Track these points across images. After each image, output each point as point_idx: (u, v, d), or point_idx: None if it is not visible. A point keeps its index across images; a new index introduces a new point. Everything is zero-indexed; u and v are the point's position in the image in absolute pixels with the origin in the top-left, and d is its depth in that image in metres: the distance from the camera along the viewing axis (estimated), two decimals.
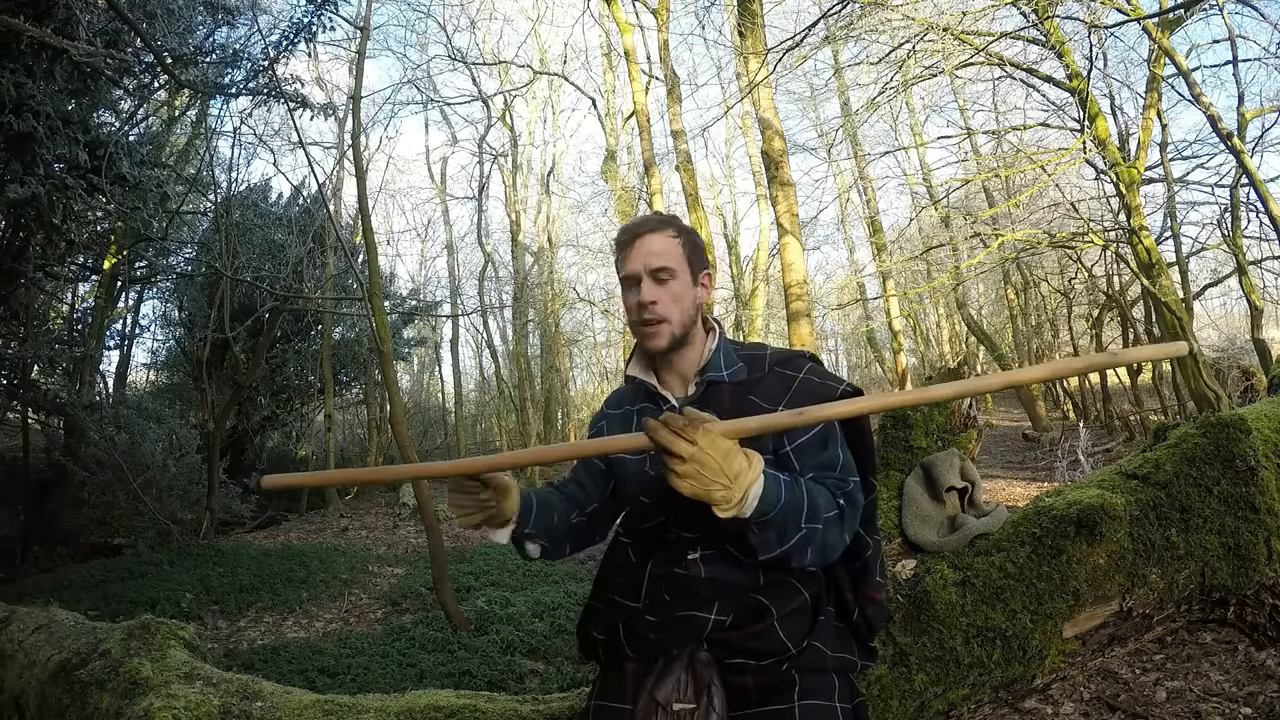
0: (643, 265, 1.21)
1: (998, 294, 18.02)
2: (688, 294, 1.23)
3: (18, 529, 8.34)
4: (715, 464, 0.91)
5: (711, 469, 0.91)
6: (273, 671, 4.75)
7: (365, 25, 8.58)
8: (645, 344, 1.23)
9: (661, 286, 1.20)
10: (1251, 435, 1.81)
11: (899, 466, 1.97)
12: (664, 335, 1.20)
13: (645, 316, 1.20)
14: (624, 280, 1.24)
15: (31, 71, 5.14)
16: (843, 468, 1.16)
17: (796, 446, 1.17)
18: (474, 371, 24.40)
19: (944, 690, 1.59)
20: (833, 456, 1.17)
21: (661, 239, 1.23)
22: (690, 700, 1.12)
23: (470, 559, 8.52)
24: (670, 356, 1.25)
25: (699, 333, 1.26)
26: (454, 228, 20.66)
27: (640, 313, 1.20)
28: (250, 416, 12.24)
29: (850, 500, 1.12)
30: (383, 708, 1.65)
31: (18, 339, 7.68)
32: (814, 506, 1.05)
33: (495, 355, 18.39)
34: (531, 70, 16.53)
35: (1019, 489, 8.48)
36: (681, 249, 1.24)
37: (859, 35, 7.28)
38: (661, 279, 1.21)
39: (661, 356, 1.25)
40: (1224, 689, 1.69)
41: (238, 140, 10.24)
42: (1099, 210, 9.52)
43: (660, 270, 1.20)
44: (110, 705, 1.62)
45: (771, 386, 1.20)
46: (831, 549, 1.09)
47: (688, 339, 1.24)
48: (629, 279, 1.23)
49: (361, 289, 9.63)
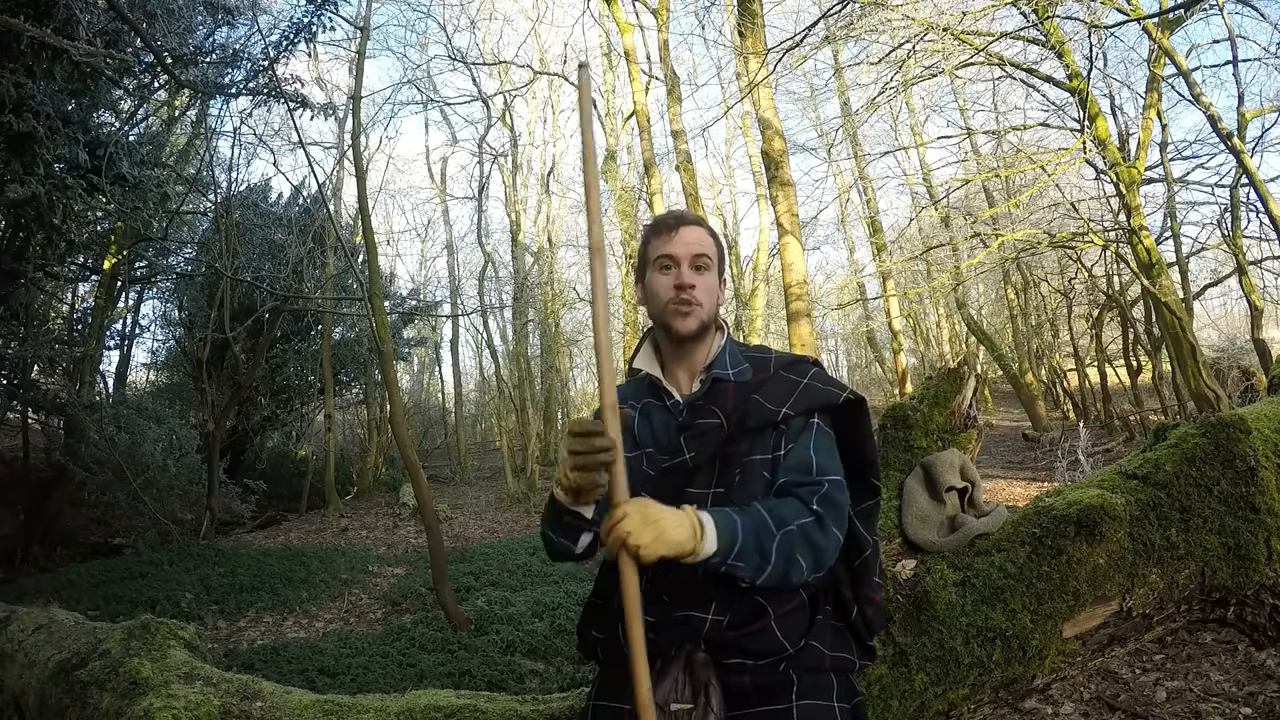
0: (685, 250, 1.24)
1: (998, 294, 18.02)
2: (717, 289, 1.28)
3: (18, 529, 8.33)
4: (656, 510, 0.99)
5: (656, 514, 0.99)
6: (273, 671, 4.75)
7: (365, 25, 8.58)
8: (675, 325, 1.23)
9: (699, 274, 1.25)
10: (1251, 435, 1.81)
11: (899, 466, 1.97)
12: (695, 319, 1.23)
13: (683, 297, 1.22)
14: (660, 260, 1.26)
15: (31, 71, 5.14)
16: (818, 469, 1.16)
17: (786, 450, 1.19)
18: (474, 371, 24.44)
19: (944, 690, 1.59)
20: (804, 458, 1.17)
21: (702, 232, 1.28)
22: (688, 700, 1.12)
23: (470, 559, 8.52)
24: (685, 348, 1.27)
25: (713, 331, 1.29)
26: (454, 228, 20.66)
27: (679, 293, 1.23)
28: (250, 416, 12.25)
29: (827, 501, 1.12)
30: (383, 708, 1.65)
31: (18, 339, 7.68)
32: (778, 516, 1.07)
33: (495, 355, 18.37)
34: (531, 70, 16.53)
35: (1019, 489, 8.48)
36: (715, 247, 1.29)
37: (859, 35, 7.28)
38: (700, 267, 1.25)
39: (676, 348, 1.27)
40: (1224, 689, 1.70)
41: (238, 140, 10.25)
42: (1099, 210, 9.53)
43: (700, 257, 1.25)
44: (110, 705, 1.62)
45: (777, 388, 1.22)
46: (823, 551, 1.09)
47: (707, 333, 1.26)
48: (668, 259, 1.25)
49: (361, 289, 9.63)
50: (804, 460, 1.16)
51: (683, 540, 0.99)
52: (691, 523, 1.00)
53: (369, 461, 15.51)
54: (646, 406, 1.30)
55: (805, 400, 1.19)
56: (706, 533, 1.01)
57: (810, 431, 1.19)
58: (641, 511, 0.99)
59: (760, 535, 1.04)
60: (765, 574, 1.04)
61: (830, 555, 1.11)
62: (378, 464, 15.70)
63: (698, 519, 1.01)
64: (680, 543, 0.99)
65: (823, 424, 1.21)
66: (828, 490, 1.13)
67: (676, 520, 1.00)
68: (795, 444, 1.18)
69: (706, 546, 1.01)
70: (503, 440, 16.77)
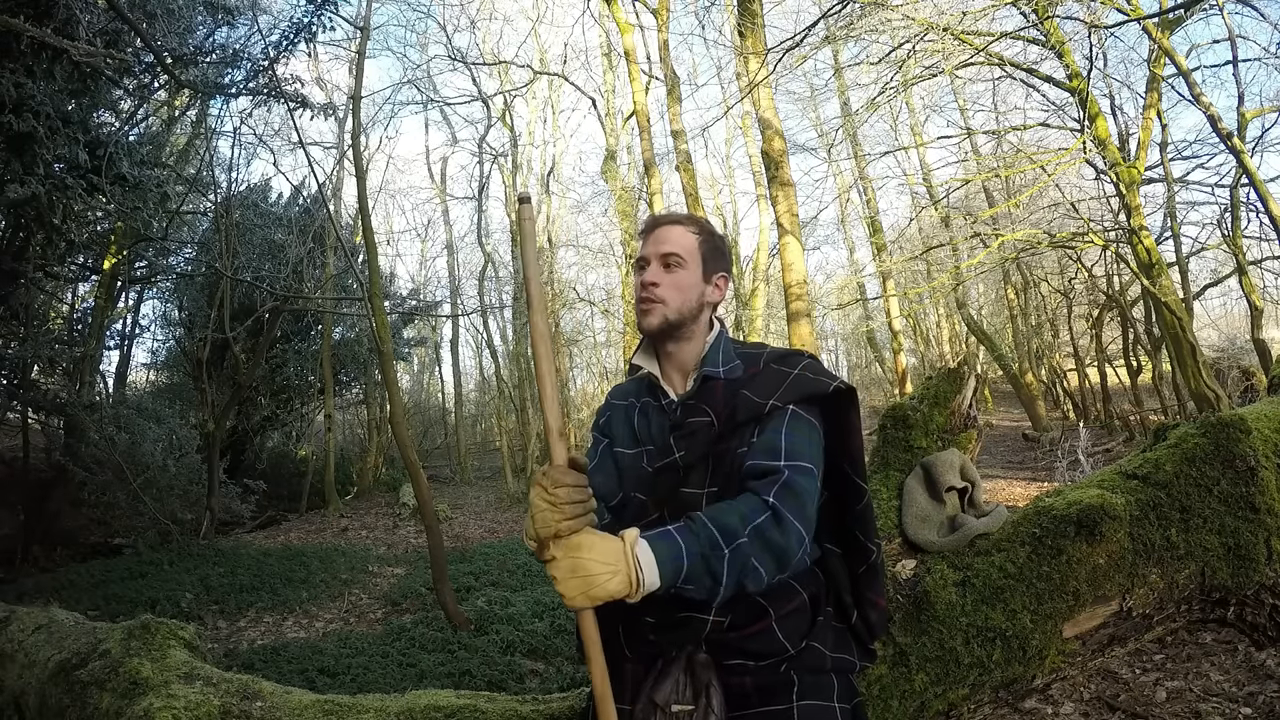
0: (655, 250, 1.26)
1: (998, 294, 18.01)
2: (694, 286, 1.26)
3: (18, 529, 8.33)
4: (587, 558, 0.96)
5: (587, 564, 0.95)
6: (273, 671, 4.75)
7: (365, 25, 8.58)
8: (639, 323, 1.26)
9: (667, 272, 1.25)
10: (1251, 435, 1.81)
11: (899, 466, 1.97)
12: (655, 315, 1.23)
13: (643, 295, 1.24)
14: (636, 261, 1.29)
15: (31, 71, 5.14)
16: (787, 453, 1.11)
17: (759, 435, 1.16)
18: (474, 371, 24.44)
19: (944, 690, 1.59)
20: (772, 441, 1.13)
21: (679, 230, 1.27)
22: (689, 701, 1.12)
23: (470, 559, 8.52)
24: (667, 347, 1.27)
25: (700, 328, 1.28)
26: (454, 228, 20.67)
27: (640, 291, 1.24)
28: (250, 416, 12.25)
29: (786, 491, 1.06)
30: (383, 708, 1.65)
31: (18, 339, 7.68)
32: (725, 528, 1.01)
33: (495, 355, 18.38)
34: (531, 70, 16.53)
35: (1019, 489, 8.48)
36: (697, 244, 1.27)
37: (859, 35, 7.27)
38: (669, 264, 1.25)
39: (658, 344, 1.28)
40: (1224, 689, 1.70)
41: (238, 140, 10.25)
42: (1099, 210, 9.52)
43: (669, 255, 1.25)
44: (110, 705, 1.62)
45: (766, 381, 1.19)
46: (783, 550, 1.03)
47: (684, 330, 1.25)
48: (640, 260, 1.28)
49: (361, 289, 9.63)
50: (772, 444, 1.12)
51: (616, 590, 0.95)
52: (627, 569, 0.96)
53: (369, 461, 15.51)
54: (645, 405, 1.30)
55: (794, 391, 1.16)
56: (646, 575, 0.96)
57: (784, 415, 1.15)
58: (571, 560, 0.96)
59: (708, 557, 0.99)
60: (719, 594, 1.01)
61: (793, 551, 1.04)
62: (378, 464, 15.71)
63: (634, 560, 0.96)
64: (613, 592, 0.95)
65: (804, 412, 1.16)
66: (788, 477, 1.07)
67: (609, 569, 0.95)
68: (767, 429, 1.14)
69: (648, 585, 0.96)
70: (503, 440, 16.78)
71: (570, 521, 0.98)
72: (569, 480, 0.99)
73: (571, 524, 0.98)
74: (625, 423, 1.31)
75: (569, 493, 0.98)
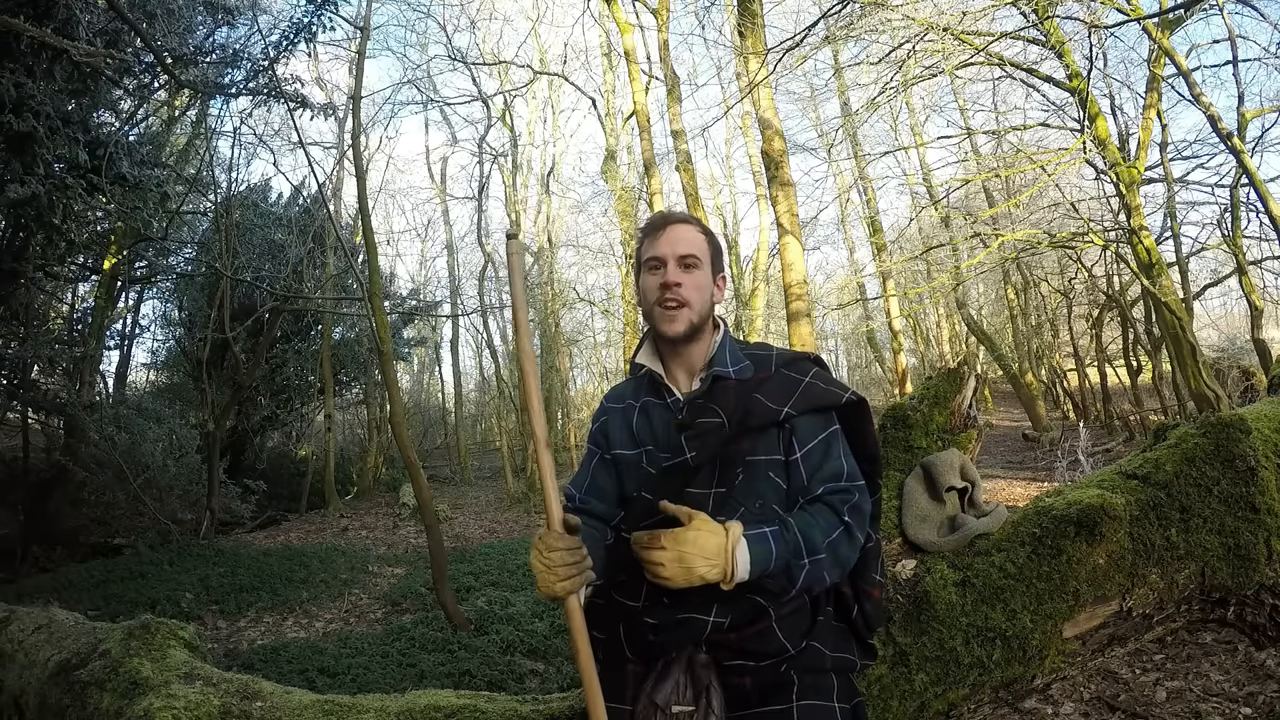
0: (671, 250, 1.24)
1: (998, 294, 18.01)
2: (708, 287, 1.27)
3: (18, 529, 8.32)
4: (692, 551, 1.03)
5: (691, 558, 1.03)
6: (273, 671, 4.75)
7: (365, 25, 8.58)
8: (662, 328, 1.23)
9: (687, 273, 1.24)
10: (1251, 435, 1.81)
11: (899, 466, 1.97)
12: (683, 320, 1.22)
13: (668, 297, 1.21)
14: (649, 262, 1.26)
15: (31, 71, 5.14)
16: (849, 475, 1.19)
17: (804, 454, 1.19)
18: (474, 371, 24.45)
19: (944, 690, 1.59)
20: (838, 466, 1.20)
21: (691, 230, 1.27)
22: (689, 702, 1.12)
23: (470, 559, 8.52)
24: (680, 348, 1.26)
25: (708, 329, 1.28)
26: (454, 228, 20.69)
27: (663, 293, 1.22)
28: (250, 416, 12.24)
29: (855, 510, 1.16)
30: (383, 708, 1.65)
31: (18, 339, 7.68)
32: (810, 541, 1.10)
33: (495, 355, 18.38)
34: (531, 70, 16.52)
35: (1019, 489, 8.48)
36: (706, 245, 1.28)
37: (859, 35, 7.27)
38: (688, 265, 1.24)
39: (672, 346, 1.26)
40: (1224, 689, 1.70)
41: (238, 140, 10.24)
42: (1099, 210, 9.52)
43: (688, 257, 1.24)
44: (110, 705, 1.62)
45: (778, 386, 1.21)
46: (847, 560, 1.15)
47: (701, 331, 1.25)
48: (655, 261, 1.25)
49: (361, 289, 9.63)
50: (838, 469, 1.20)
51: (712, 579, 1.05)
52: (725, 564, 1.04)
53: (369, 461, 15.51)
54: (646, 404, 1.29)
55: (807, 400, 1.19)
56: (738, 570, 1.05)
57: (838, 440, 1.22)
58: (678, 552, 1.03)
59: (791, 565, 1.08)
60: (788, 594, 1.11)
61: (854, 560, 1.17)
62: (378, 464, 15.71)
63: (733, 558, 1.05)
64: (709, 580, 1.05)
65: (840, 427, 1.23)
66: (858, 500, 1.17)
67: (709, 563, 1.04)
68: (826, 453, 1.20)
69: (738, 578, 1.06)
70: (503, 440, 16.77)
71: (565, 583, 1.04)
72: (562, 545, 1.05)
73: (566, 585, 1.04)
74: (624, 425, 1.31)
75: (562, 556, 1.04)
